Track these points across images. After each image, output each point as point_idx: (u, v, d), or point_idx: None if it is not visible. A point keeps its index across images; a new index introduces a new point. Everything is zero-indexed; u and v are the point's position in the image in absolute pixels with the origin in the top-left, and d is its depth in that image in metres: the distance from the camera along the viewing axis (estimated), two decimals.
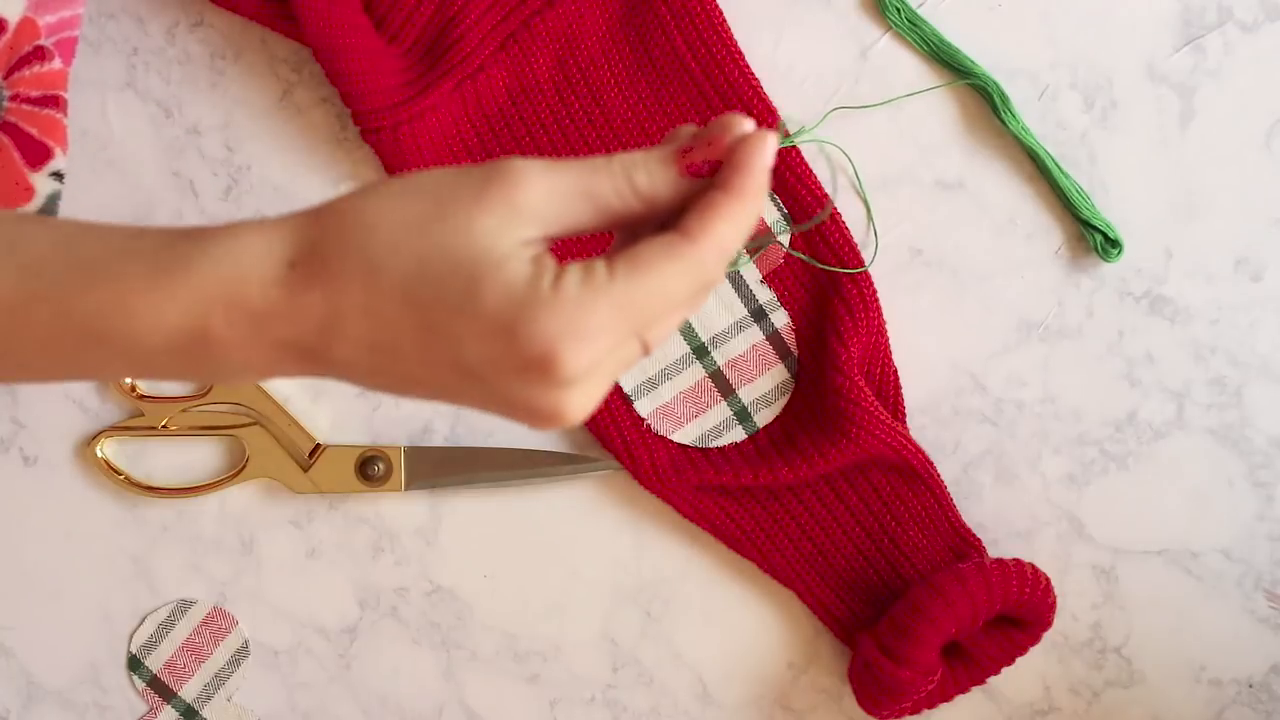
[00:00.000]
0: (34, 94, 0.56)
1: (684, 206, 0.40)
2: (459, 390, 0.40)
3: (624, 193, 0.40)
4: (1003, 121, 0.61)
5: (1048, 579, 0.60)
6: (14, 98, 0.56)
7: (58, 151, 0.56)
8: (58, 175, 0.56)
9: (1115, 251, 0.61)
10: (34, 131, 0.56)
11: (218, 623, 0.63)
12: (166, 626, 0.63)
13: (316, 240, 0.39)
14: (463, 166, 0.40)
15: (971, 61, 0.61)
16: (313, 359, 0.40)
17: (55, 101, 0.56)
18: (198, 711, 0.64)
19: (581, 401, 0.40)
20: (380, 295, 0.38)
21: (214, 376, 0.41)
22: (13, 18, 0.55)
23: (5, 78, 0.56)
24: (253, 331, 0.39)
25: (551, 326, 0.38)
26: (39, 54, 0.56)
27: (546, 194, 0.39)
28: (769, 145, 0.40)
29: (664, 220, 0.40)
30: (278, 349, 0.39)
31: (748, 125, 0.40)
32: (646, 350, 0.40)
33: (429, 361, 0.39)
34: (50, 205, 0.56)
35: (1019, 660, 0.61)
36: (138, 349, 0.39)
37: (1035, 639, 0.61)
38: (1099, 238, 0.61)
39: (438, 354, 0.39)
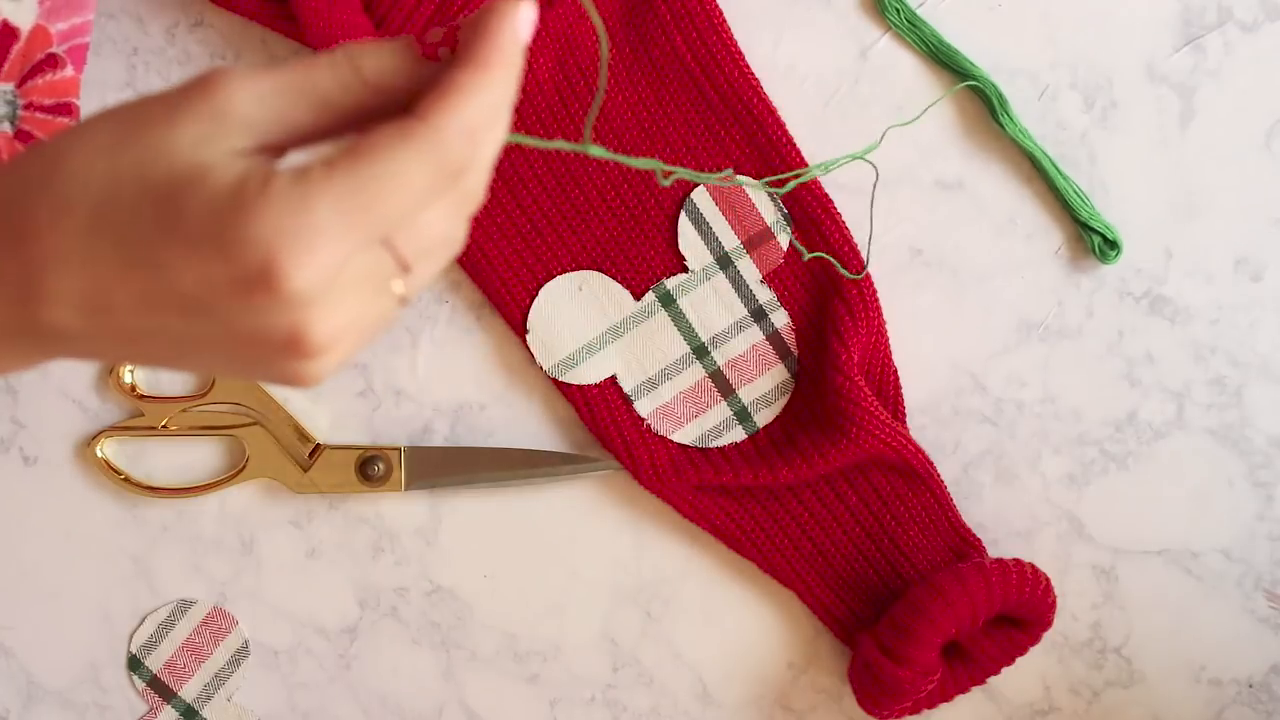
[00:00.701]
0: (48, 102, 0.56)
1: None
2: (191, 338, 0.34)
3: (349, 82, 0.35)
4: (1000, 124, 0.61)
5: (1048, 579, 0.60)
6: (28, 106, 0.56)
7: None
8: None
9: (1114, 253, 0.61)
10: None
11: (218, 623, 0.63)
12: (166, 626, 0.63)
13: (3, 197, 0.34)
14: (158, 91, 0.35)
15: (970, 63, 0.61)
16: (29, 333, 0.34)
17: (68, 109, 0.56)
18: (198, 711, 0.64)
19: (327, 329, 0.34)
20: (72, 235, 0.33)
21: None
22: (25, 26, 0.55)
23: (19, 86, 0.56)
24: None
25: (263, 230, 0.32)
26: (52, 62, 0.56)
27: (256, 96, 0.34)
28: (517, 9, 0.35)
29: None
30: None
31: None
32: (403, 263, 0.35)
33: (145, 306, 0.34)
34: None
35: (1019, 660, 0.61)
36: None
37: (1035, 639, 0.61)
38: (1097, 239, 0.61)
39: (151, 293, 0.33)
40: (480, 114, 0.35)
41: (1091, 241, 0.61)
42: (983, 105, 0.62)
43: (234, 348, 0.35)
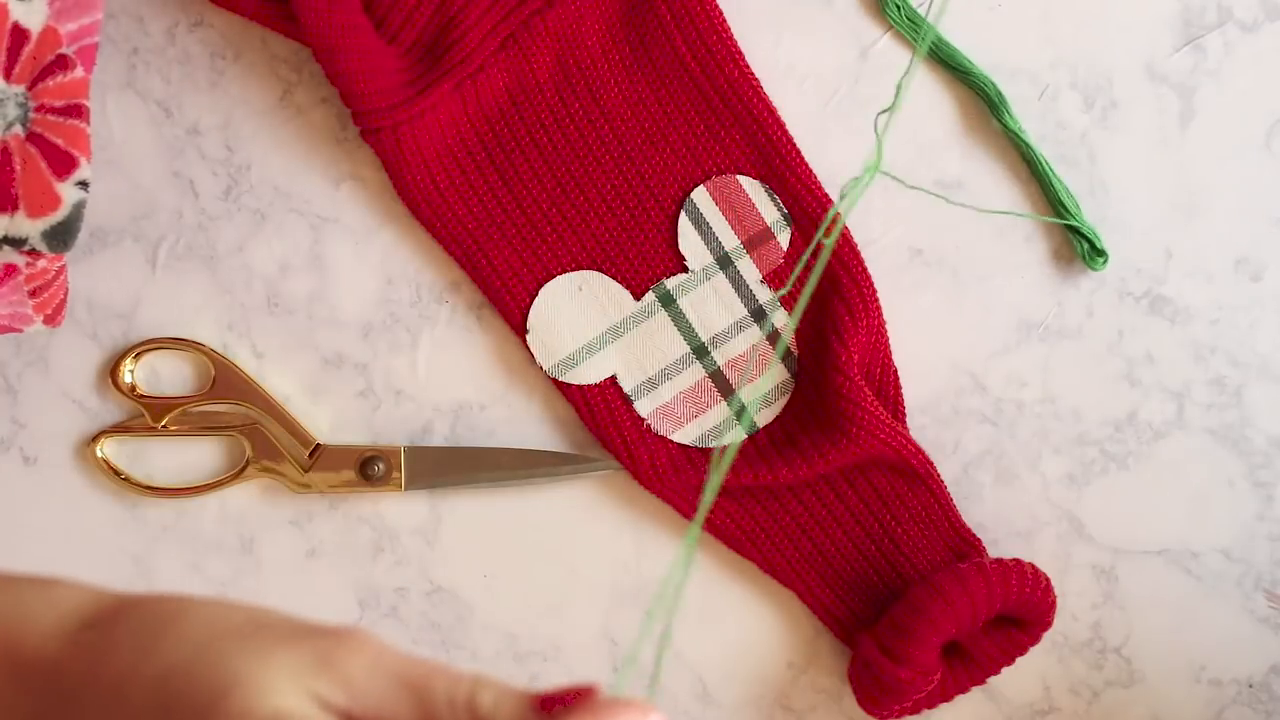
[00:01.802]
0: (58, 104, 0.56)
1: None
2: None
3: (457, 703, 0.35)
4: (1002, 123, 0.61)
5: (1048, 579, 0.60)
6: (39, 108, 0.56)
7: (82, 161, 0.56)
8: (83, 184, 0.56)
9: (1101, 260, 0.61)
10: (60, 142, 0.56)
11: None
12: None
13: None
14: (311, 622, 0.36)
15: (970, 63, 0.61)
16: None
17: (79, 111, 0.56)
18: None
19: None
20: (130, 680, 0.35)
21: None
22: (35, 27, 0.55)
23: (30, 89, 0.55)
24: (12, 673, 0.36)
25: None
26: (62, 63, 0.56)
27: (370, 665, 0.34)
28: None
29: None
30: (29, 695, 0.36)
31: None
32: None
33: None
34: (76, 213, 0.56)
35: (1019, 660, 0.61)
36: None
37: (1035, 639, 0.61)
38: (1085, 245, 0.61)
39: None
40: None
41: (1080, 247, 0.61)
42: (983, 104, 0.62)
43: None
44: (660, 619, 0.37)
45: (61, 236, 0.55)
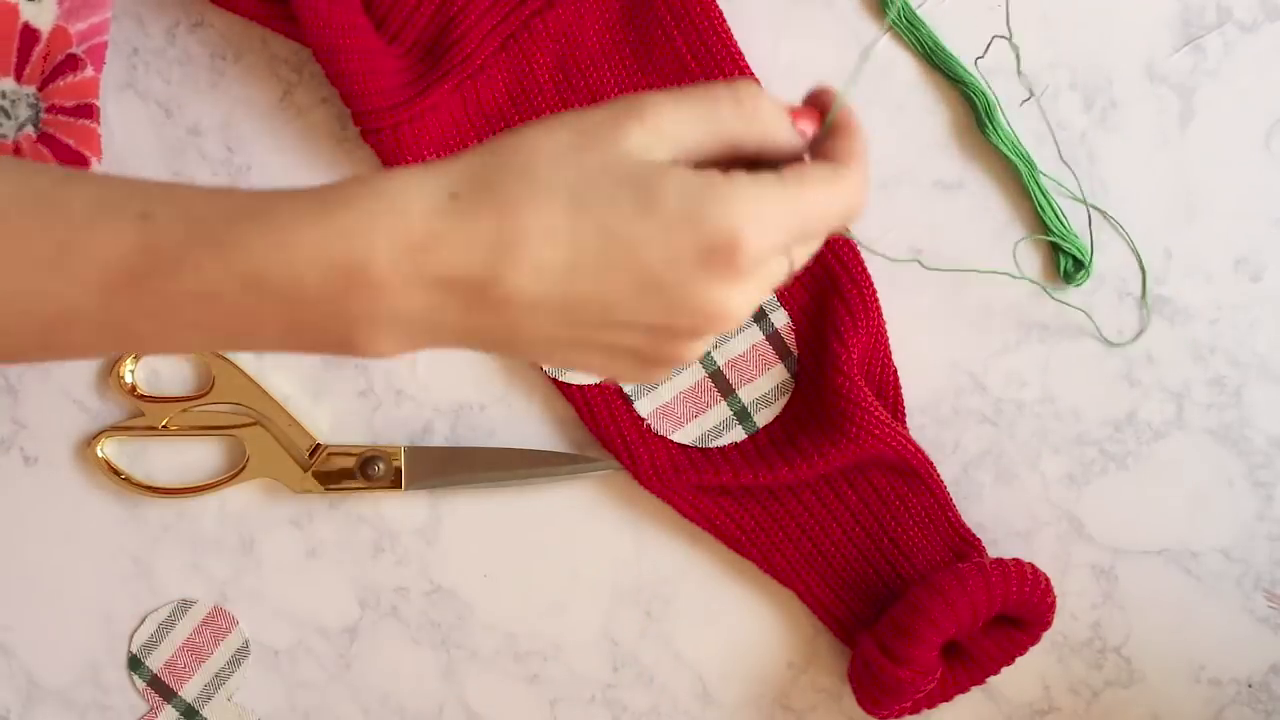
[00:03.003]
0: (69, 104, 0.56)
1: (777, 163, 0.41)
2: (631, 310, 0.39)
3: (749, 126, 0.41)
4: (985, 134, 0.61)
5: (1048, 579, 0.60)
6: (50, 109, 0.56)
7: (94, 160, 0.56)
8: None
9: (1080, 275, 0.61)
10: (71, 142, 0.56)
11: (218, 622, 0.63)
12: (167, 626, 0.63)
13: (476, 172, 0.39)
14: (587, 108, 0.40)
15: (964, 69, 0.61)
16: (478, 296, 0.39)
17: (89, 111, 0.56)
18: (198, 711, 0.64)
19: (745, 302, 0.40)
20: (554, 213, 0.38)
21: (368, 337, 0.40)
22: (45, 28, 0.55)
23: (41, 89, 0.55)
24: (415, 267, 0.38)
25: (735, 209, 0.38)
26: (72, 63, 0.56)
27: (678, 120, 0.40)
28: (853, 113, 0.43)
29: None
30: (441, 289, 0.38)
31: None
32: (791, 270, 0.42)
33: (607, 277, 0.39)
34: None
35: (1019, 660, 0.61)
36: (296, 294, 0.38)
37: (1035, 639, 0.61)
38: (1067, 261, 0.61)
39: (617, 266, 0.39)
40: (861, 194, 0.42)
41: (1062, 264, 0.61)
42: (984, 103, 0.62)
43: (650, 335, 0.40)
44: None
45: None
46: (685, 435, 0.62)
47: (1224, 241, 0.62)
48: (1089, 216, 0.62)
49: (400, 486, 0.62)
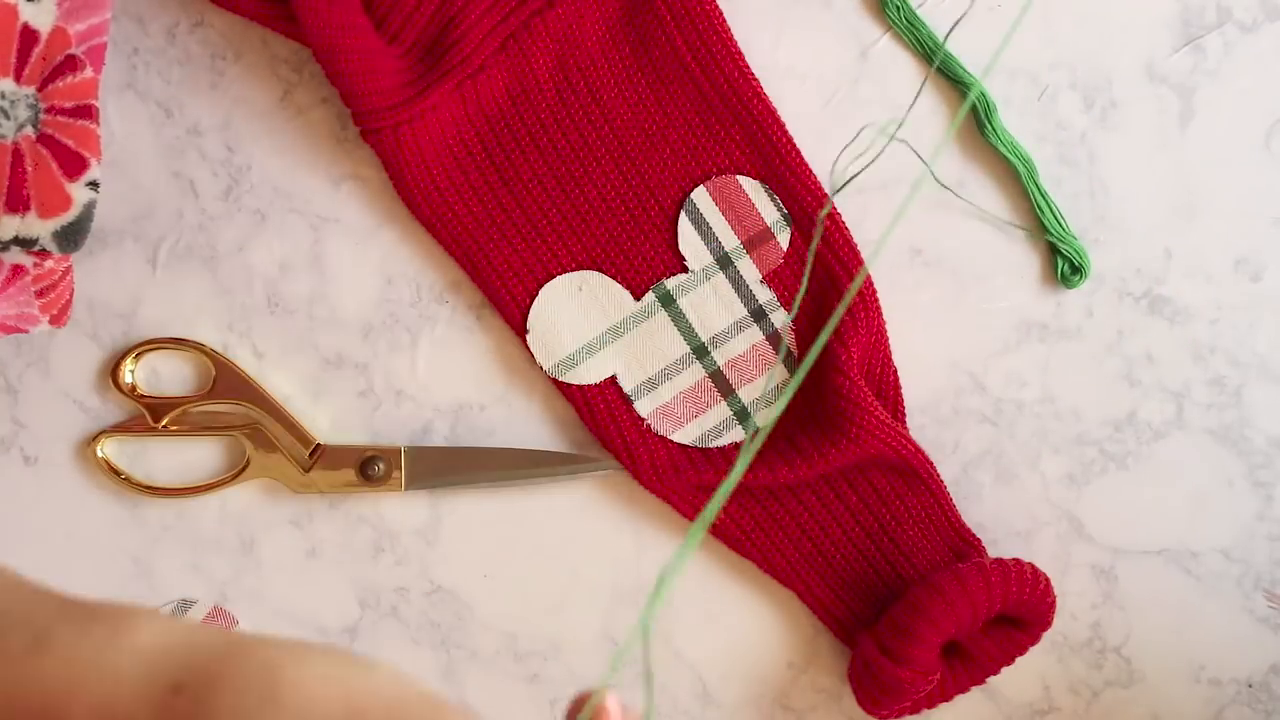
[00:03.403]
0: (68, 105, 0.56)
1: None
2: None
3: None
4: (984, 135, 0.61)
5: (1048, 579, 0.60)
6: (49, 110, 0.56)
7: (93, 161, 0.56)
8: (93, 185, 0.56)
9: (1076, 278, 0.61)
10: (70, 143, 0.56)
11: (218, 622, 0.63)
12: None
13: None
14: None
15: (964, 70, 0.61)
16: None
17: (88, 112, 0.56)
18: None
19: None
20: None
21: None
22: (44, 28, 0.55)
23: (40, 90, 0.55)
24: None
25: None
26: (71, 64, 0.56)
27: None
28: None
29: None
30: None
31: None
32: None
33: None
34: (86, 214, 0.56)
35: (1019, 660, 0.61)
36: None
37: (1035, 639, 0.61)
38: (1064, 264, 0.61)
39: None
40: None
41: (1060, 266, 0.61)
42: (982, 107, 0.62)
43: None
44: (653, 609, 0.36)
45: (72, 237, 0.55)
46: (685, 435, 0.62)
47: (1224, 241, 0.62)
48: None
49: (400, 486, 0.62)
